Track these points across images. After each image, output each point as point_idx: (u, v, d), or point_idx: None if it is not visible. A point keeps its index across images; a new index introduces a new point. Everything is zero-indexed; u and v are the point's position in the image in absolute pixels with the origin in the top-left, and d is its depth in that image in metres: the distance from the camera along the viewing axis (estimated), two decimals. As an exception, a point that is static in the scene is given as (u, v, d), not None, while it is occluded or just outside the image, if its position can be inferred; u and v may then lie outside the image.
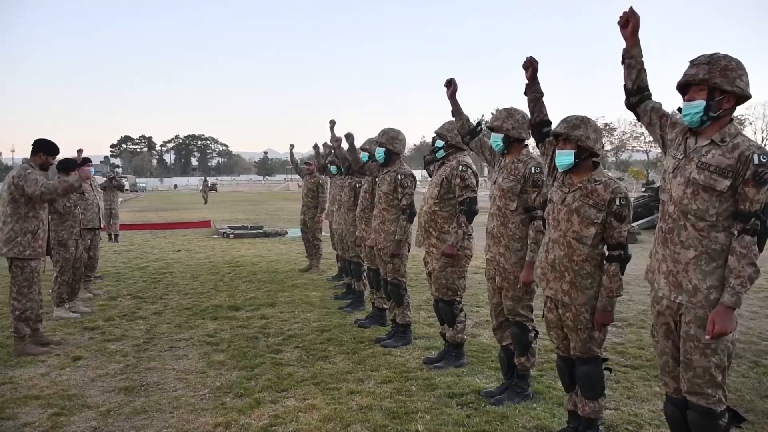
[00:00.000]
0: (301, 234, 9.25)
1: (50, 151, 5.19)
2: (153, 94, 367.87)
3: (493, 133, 3.83)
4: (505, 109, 3.87)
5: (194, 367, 4.62)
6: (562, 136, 3.07)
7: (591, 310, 3.03)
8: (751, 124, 57.70)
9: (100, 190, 8.63)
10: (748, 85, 2.46)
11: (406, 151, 39.16)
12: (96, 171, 9.21)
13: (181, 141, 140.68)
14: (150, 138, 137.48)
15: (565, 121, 3.09)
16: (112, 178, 13.19)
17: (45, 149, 5.16)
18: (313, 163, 9.18)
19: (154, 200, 41.69)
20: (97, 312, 6.45)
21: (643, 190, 18.86)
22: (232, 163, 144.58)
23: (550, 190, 3.25)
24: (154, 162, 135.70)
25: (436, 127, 4.52)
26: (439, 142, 4.48)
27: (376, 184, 5.41)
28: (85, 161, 7.10)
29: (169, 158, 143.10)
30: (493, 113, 4.00)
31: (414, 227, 5.00)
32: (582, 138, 3.01)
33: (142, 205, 33.42)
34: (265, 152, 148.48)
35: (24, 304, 4.98)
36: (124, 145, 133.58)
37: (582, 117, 3.08)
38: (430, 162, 4.62)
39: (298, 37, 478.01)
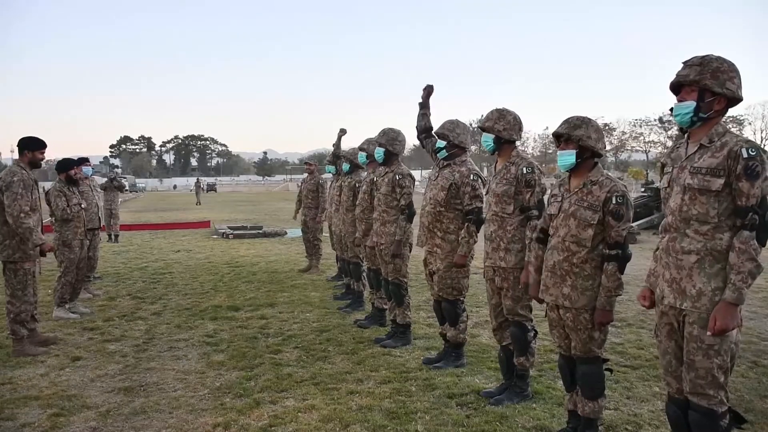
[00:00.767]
0: (302, 234, 9.26)
1: (35, 146, 5.15)
2: (152, 95, 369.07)
3: (485, 133, 3.82)
4: (497, 110, 3.86)
5: (194, 367, 4.62)
6: (563, 137, 3.06)
7: (591, 312, 3.03)
8: (751, 124, 57.87)
9: (100, 191, 8.65)
10: (740, 87, 2.46)
11: (406, 151, 39.25)
12: (95, 171, 9.22)
13: (180, 141, 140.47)
14: (149, 138, 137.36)
15: (566, 121, 3.08)
16: (113, 178, 13.22)
17: (29, 146, 5.13)
18: (314, 164, 9.22)
19: (154, 200, 41.67)
20: (97, 312, 6.45)
21: (642, 190, 18.77)
22: (232, 164, 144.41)
23: (547, 206, 3.25)
24: (154, 162, 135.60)
25: (436, 127, 4.50)
26: (441, 142, 4.39)
27: (375, 186, 5.40)
28: (82, 161, 7.10)
29: (169, 158, 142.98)
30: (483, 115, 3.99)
31: (414, 227, 5.00)
32: (583, 138, 3.01)
33: (142, 206, 33.40)
34: (265, 152, 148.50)
35: (18, 307, 4.98)
36: (124, 146, 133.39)
37: (583, 117, 3.08)
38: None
39: (298, 38, 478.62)
